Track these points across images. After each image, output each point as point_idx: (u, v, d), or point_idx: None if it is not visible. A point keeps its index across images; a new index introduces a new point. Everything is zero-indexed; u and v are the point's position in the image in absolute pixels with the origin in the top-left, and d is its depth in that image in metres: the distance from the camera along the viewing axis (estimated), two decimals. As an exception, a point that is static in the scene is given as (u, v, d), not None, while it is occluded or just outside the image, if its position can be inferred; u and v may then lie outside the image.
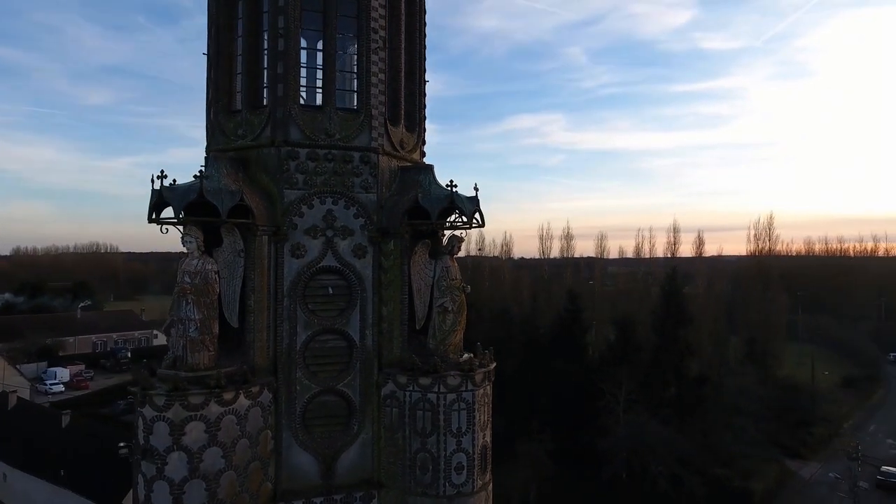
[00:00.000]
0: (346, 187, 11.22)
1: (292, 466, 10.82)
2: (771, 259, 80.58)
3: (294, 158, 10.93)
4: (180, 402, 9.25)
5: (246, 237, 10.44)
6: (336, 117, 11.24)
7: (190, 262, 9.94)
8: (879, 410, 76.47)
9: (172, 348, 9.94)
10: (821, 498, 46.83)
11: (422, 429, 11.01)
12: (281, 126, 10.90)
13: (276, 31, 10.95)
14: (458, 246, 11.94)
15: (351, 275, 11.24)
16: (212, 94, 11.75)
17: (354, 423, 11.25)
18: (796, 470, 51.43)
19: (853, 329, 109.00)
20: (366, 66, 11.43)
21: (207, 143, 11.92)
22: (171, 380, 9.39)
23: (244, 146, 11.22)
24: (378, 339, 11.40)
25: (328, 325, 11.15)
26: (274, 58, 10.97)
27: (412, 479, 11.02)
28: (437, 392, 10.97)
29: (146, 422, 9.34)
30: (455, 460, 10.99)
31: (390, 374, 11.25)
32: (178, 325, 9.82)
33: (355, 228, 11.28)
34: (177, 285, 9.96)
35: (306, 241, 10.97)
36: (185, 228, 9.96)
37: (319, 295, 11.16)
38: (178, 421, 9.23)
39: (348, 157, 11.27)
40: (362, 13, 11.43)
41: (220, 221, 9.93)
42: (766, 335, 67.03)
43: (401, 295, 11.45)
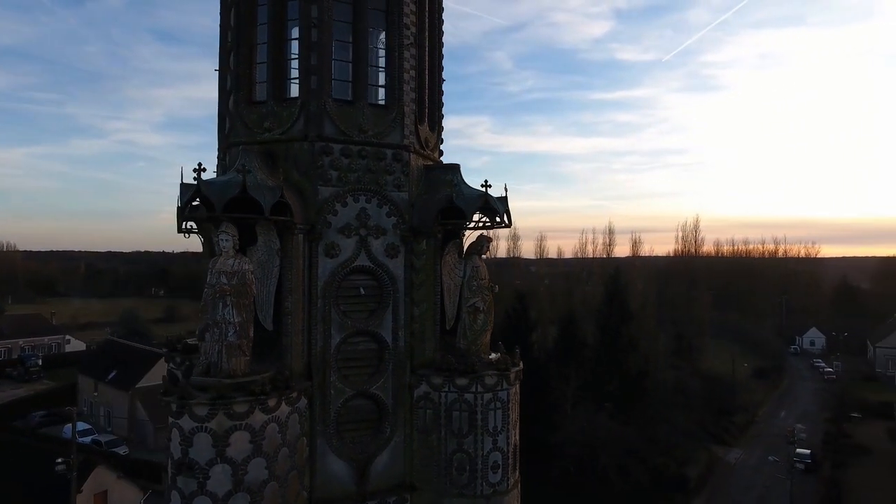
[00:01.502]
0: (379, 185, 10.94)
1: (326, 474, 10.43)
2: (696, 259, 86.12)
3: (328, 154, 10.52)
4: (224, 412, 8.67)
5: (282, 235, 9.94)
6: (368, 113, 10.93)
7: (226, 262, 9.33)
8: (787, 398, 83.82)
9: (206, 354, 9.28)
10: (747, 480, 50.68)
11: (458, 429, 10.93)
12: (314, 120, 10.46)
13: (310, 21, 10.49)
14: (487, 246, 11.96)
15: (384, 275, 10.97)
16: (231, 82, 11.08)
17: (387, 427, 10.99)
18: (723, 455, 55.35)
19: (759, 324, 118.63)
20: (397, 62, 11.20)
21: (225, 133, 11.22)
22: (212, 387, 8.77)
23: (271, 139, 10.67)
24: (410, 341, 11.20)
25: (361, 327, 10.82)
26: (307, 49, 10.50)
27: (448, 481, 10.92)
28: (474, 392, 10.93)
29: (184, 434, 8.68)
30: (491, 459, 11.00)
31: (424, 376, 11.08)
32: (214, 329, 9.19)
33: (388, 227, 11.02)
34: (209, 286, 9.31)
35: (340, 241, 10.60)
36: (221, 226, 9.34)
37: (351, 296, 10.82)
38: (221, 431, 8.65)
39: (381, 154, 11.00)
40: (393, 7, 11.19)
41: (262, 218, 9.40)
42: (691, 331, 71.61)
43: (433, 295, 11.32)
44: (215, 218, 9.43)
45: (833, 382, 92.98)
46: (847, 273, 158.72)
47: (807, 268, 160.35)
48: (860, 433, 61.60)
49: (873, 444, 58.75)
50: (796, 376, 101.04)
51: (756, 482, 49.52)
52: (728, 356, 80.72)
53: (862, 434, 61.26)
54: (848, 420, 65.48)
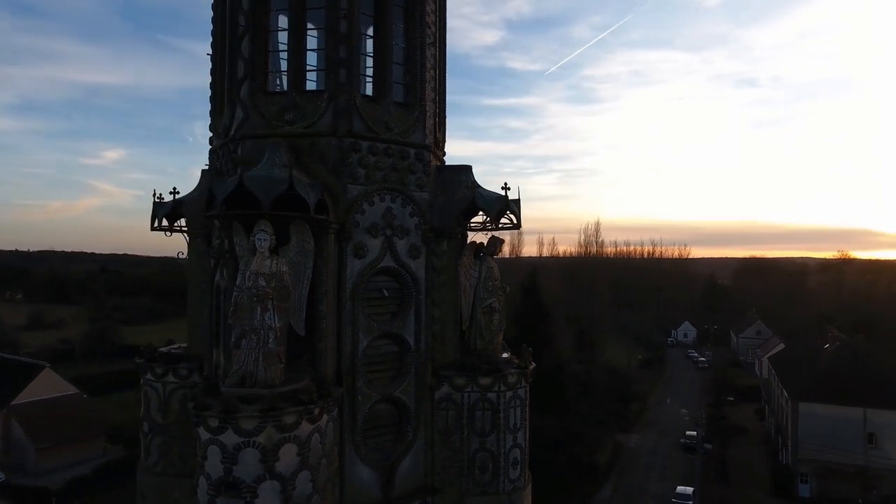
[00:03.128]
0: (403, 185, 10.75)
1: (354, 482, 10.06)
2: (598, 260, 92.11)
3: (356, 151, 10.16)
4: (274, 424, 8.11)
5: (316, 235, 9.46)
6: (393, 110, 10.70)
7: (263, 263, 8.72)
8: (670, 386, 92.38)
9: (241, 363, 8.59)
10: (648, 461, 55.25)
11: (481, 428, 11.02)
12: (344, 115, 10.05)
13: (338, 12, 10.06)
14: (500, 247, 12.15)
15: (407, 276, 10.78)
16: (244, 70, 10.31)
17: (409, 430, 10.81)
18: (625, 441, 59.85)
19: (642, 319, 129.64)
20: (419, 61, 11.06)
21: (238, 125, 10.39)
22: (261, 398, 8.16)
23: (294, 133, 10.09)
24: (430, 342, 11.10)
25: (385, 330, 10.57)
26: (335, 40, 10.05)
27: (470, 480, 10.97)
28: (497, 391, 11.08)
29: (227, 451, 8.00)
30: (512, 456, 11.22)
31: (446, 377, 11.04)
32: (252, 336, 8.54)
33: (410, 228, 10.85)
34: (243, 289, 8.63)
35: (368, 241, 10.27)
36: (259, 224, 8.71)
37: (374, 297, 10.53)
38: (270, 446, 8.08)
39: (405, 153, 10.80)
40: (416, 4, 11.03)
41: (305, 217, 8.89)
42: (593, 326, 76.73)
43: (454, 296, 11.30)
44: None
45: (706, 370, 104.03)
46: (713, 272, 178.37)
47: (679, 267, 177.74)
48: (734, 414, 69.48)
49: (746, 423, 66.62)
50: (675, 366, 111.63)
51: (655, 463, 54.17)
52: (620, 349, 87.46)
53: (736, 415, 69.13)
54: (724, 403, 73.51)
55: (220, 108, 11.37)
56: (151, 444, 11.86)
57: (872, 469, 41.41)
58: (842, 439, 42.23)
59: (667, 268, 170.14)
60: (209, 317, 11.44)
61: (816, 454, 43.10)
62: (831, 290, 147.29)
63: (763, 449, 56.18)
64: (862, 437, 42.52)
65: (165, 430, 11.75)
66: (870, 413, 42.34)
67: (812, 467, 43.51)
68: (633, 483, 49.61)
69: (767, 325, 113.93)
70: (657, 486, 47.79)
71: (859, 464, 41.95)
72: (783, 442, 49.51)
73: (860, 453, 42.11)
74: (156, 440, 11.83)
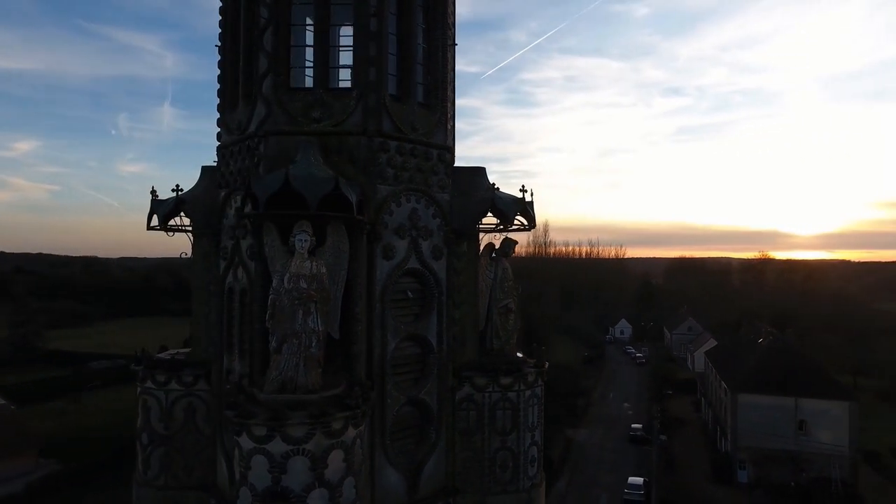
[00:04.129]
0: (427, 185, 10.72)
1: (383, 486, 9.95)
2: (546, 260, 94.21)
3: (385, 151, 10.04)
4: (323, 430, 7.90)
5: (351, 236, 9.26)
6: (417, 111, 10.65)
7: (303, 265, 8.45)
8: (612, 381, 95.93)
9: (281, 368, 8.29)
10: (597, 454, 57.21)
11: (501, 428, 11.14)
12: (373, 114, 9.89)
13: (368, 9, 9.90)
14: (513, 248, 12.31)
15: (430, 277, 10.75)
16: (267, 64, 9.94)
17: (432, 432, 10.79)
18: (574, 436, 61.69)
19: (582, 316, 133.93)
20: (441, 61, 11.05)
21: (260, 121, 9.99)
22: (307, 405, 7.92)
23: (320, 131, 9.84)
24: (451, 344, 11.11)
25: (411, 331, 10.50)
26: (365, 38, 9.88)
27: (491, 479, 11.08)
28: (517, 390, 11.24)
29: (275, 460, 7.72)
30: (530, 454, 11.42)
31: (467, 377, 11.09)
32: (293, 340, 8.27)
33: (433, 229, 10.83)
34: (282, 292, 8.34)
35: (395, 242, 10.18)
36: (300, 224, 8.45)
37: (399, 299, 10.45)
38: (319, 453, 7.87)
39: (429, 154, 10.78)
40: (438, 5, 11.01)
41: (348, 218, 8.70)
42: (542, 325, 78.58)
43: (473, 297, 11.37)
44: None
45: (643, 365, 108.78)
46: (647, 271, 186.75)
47: (616, 267, 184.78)
48: (674, 407, 73.09)
49: (685, 414, 70.25)
50: (614, 361, 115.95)
51: (605, 456, 56.19)
52: (566, 347, 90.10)
53: (675, 407, 72.77)
54: (664, 397, 77.18)
55: (232, 103, 10.93)
56: (152, 456, 11.23)
57: (803, 454, 44.89)
58: (776, 427, 45.48)
59: (605, 267, 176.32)
60: (218, 321, 10.98)
61: (753, 442, 46.19)
62: (753, 287, 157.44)
63: (702, 439, 59.53)
64: (793, 424, 46.00)
65: (168, 441, 11.16)
66: (800, 402, 45.88)
67: (749, 454, 46.59)
68: (586, 476, 51.27)
69: (698, 321, 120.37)
70: (608, 478, 49.61)
71: (791, 449, 45.35)
72: (722, 431, 52.66)
73: (792, 439, 45.53)
74: (157, 452, 11.21)
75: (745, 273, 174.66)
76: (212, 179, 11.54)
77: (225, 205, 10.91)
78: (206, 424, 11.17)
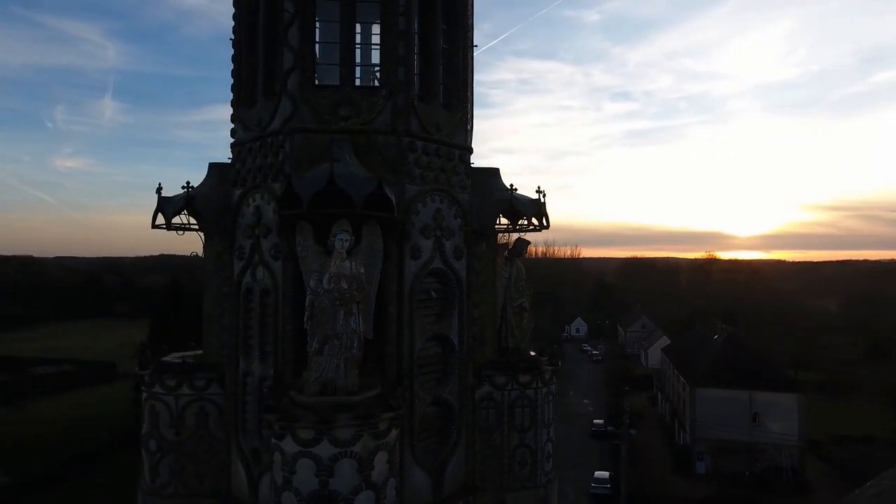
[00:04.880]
0: (450, 186, 10.76)
1: (410, 486, 9.92)
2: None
3: (413, 151, 10.03)
4: (370, 432, 7.85)
5: (385, 236, 9.21)
6: (441, 111, 10.67)
7: (342, 265, 8.37)
8: (570, 379, 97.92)
9: (321, 370, 8.17)
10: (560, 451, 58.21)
11: (520, 425, 11.31)
12: (402, 113, 9.86)
13: (397, 8, 9.85)
14: (526, 248, 12.49)
15: (452, 277, 10.80)
16: (293, 60, 9.74)
17: (454, 431, 10.83)
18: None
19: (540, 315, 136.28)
20: (462, 62, 11.11)
21: (285, 118, 9.77)
22: (353, 406, 7.84)
23: (349, 129, 9.73)
24: (471, 343, 11.19)
25: (435, 331, 10.52)
26: (394, 37, 9.84)
27: (510, 476, 11.23)
28: (534, 388, 11.44)
29: (322, 463, 7.63)
30: (546, 450, 11.64)
31: (487, 376, 11.20)
32: (334, 341, 8.17)
33: (455, 229, 10.87)
34: (318, 294, 8.23)
35: (422, 242, 10.17)
36: (340, 224, 8.35)
37: (423, 299, 10.45)
38: (366, 455, 7.83)
39: (451, 154, 10.82)
40: (459, 7, 11.06)
41: (388, 217, 8.66)
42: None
43: (492, 297, 11.48)
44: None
45: (599, 363, 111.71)
46: (601, 270, 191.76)
47: (571, 266, 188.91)
48: (631, 402, 75.32)
49: (642, 409, 72.52)
50: (571, 359, 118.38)
51: (568, 452, 57.24)
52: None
53: (633, 403, 74.97)
54: (622, 392, 79.43)
55: (248, 99, 10.66)
56: (160, 464, 10.80)
57: (756, 444, 47.30)
58: (731, 419, 47.73)
59: (561, 267, 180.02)
60: (233, 322, 10.67)
61: (711, 434, 48.30)
62: (700, 286, 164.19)
63: (660, 433, 61.69)
64: (748, 416, 48.41)
65: (179, 448, 10.76)
66: (754, 395, 48.35)
67: (707, 446, 48.72)
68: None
69: (650, 319, 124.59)
70: (573, 473, 50.60)
71: (745, 440, 47.70)
72: (680, 425, 54.76)
73: (746, 431, 47.88)
74: (166, 459, 10.80)
75: (693, 272, 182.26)
76: (221, 177, 11.21)
77: (241, 203, 10.61)
78: (218, 429, 10.83)
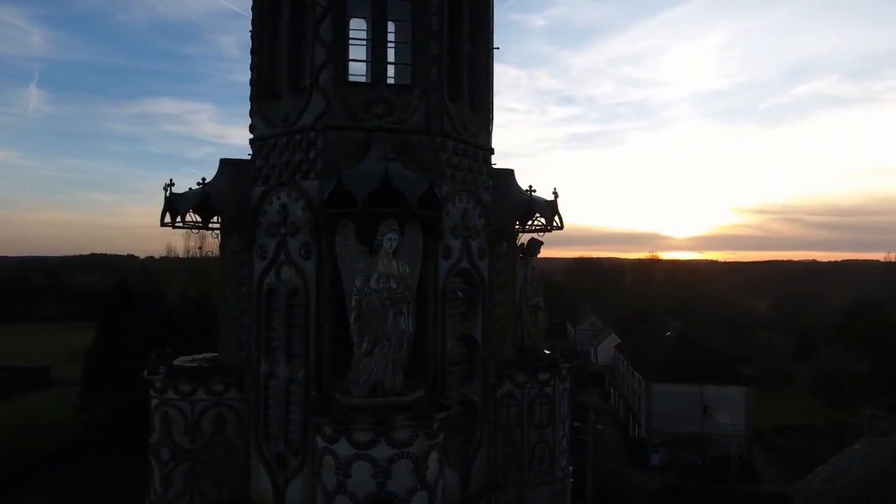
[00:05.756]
0: (476, 186, 10.84)
1: (444, 486, 9.89)
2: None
3: (444, 151, 10.05)
4: (425, 432, 7.83)
5: (425, 236, 9.19)
6: (467, 112, 10.73)
7: (390, 264, 8.31)
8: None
9: (370, 371, 8.08)
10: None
11: (539, 421, 11.53)
12: (436, 113, 9.86)
13: (430, 8, 9.84)
14: (539, 248, 12.70)
15: (476, 277, 10.88)
16: (325, 56, 9.56)
17: (478, 430, 10.92)
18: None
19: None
20: (484, 64, 11.21)
21: (318, 114, 9.56)
22: (408, 407, 7.80)
23: (383, 127, 9.64)
24: (492, 342, 11.29)
25: (461, 331, 10.56)
26: (428, 37, 9.82)
27: (530, 473, 11.42)
28: (553, 385, 11.67)
29: (380, 465, 7.55)
30: (562, 445, 11.90)
31: (508, 375, 11.35)
32: (384, 342, 8.09)
33: (479, 229, 10.96)
34: (365, 294, 8.14)
35: (452, 242, 10.22)
36: (389, 223, 8.28)
37: (450, 299, 10.48)
38: (421, 455, 7.82)
39: (476, 154, 10.90)
40: (482, 10, 11.15)
41: (434, 217, 8.64)
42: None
43: (512, 297, 11.62)
44: (372, 214, 8.31)
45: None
46: (550, 270, 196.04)
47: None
48: (585, 398, 77.44)
49: (595, 405, 74.65)
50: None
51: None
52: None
53: (586, 399, 77.14)
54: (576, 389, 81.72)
55: (271, 94, 10.38)
56: (174, 473, 10.36)
57: (707, 436, 49.68)
58: (684, 412, 49.94)
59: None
60: (253, 324, 10.36)
61: (665, 427, 50.35)
62: (643, 285, 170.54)
63: (615, 427, 63.65)
64: (699, 409, 50.79)
65: (194, 456, 10.36)
66: (705, 389, 50.78)
67: (661, 439, 50.74)
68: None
69: (599, 317, 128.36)
70: (535, 469, 51.59)
71: (697, 432, 50.01)
72: (635, 419, 56.78)
73: (698, 423, 50.23)
74: (180, 468, 10.37)
75: (637, 272, 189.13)
76: (234, 173, 10.86)
77: (263, 201, 10.31)
78: (237, 435, 10.48)
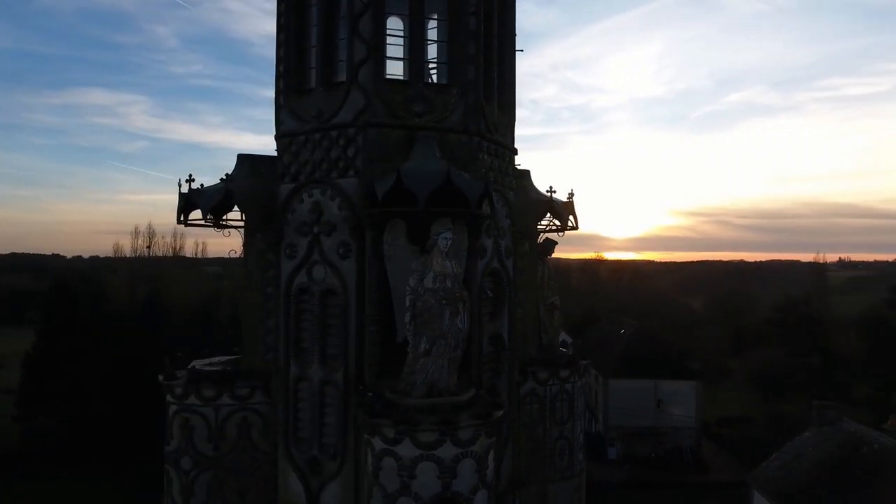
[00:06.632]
0: (503, 185, 10.95)
1: (479, 485, 9.97)
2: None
3: (480, 150, 10.09)
4: (486, 431, 7.86)
5: (470, 235, 9.21)
6: (497, 111, 10.83)
7: (444, 264, 8.29)
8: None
9: (427, 371, 8.03)
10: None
11: (560, 418, 11.75)
12: (473, 113, 9.89)
13: (467, 8, 9.86)
14: (554, 248, 12.94)
15: (503, 276, 10.99)
16: (364, 51, 9.41)
17: (504, 428, 11.00)
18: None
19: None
20: (509, 64, 11.33)
21: (358, 111, 9.39)
22: (469, 406, 7.80)
23: (422, 126, 9.59)
24: (516, 341, 11.43)
25: (491, 330, 10.65)
26: (465, 36, 9.83)
27: (551, 468, 11.63)
28: (572, 382, 11.93)
29: (445, 465, 7.52)
30: (580, 440, 12.18)
31: (531, 372, 11.51)
32: (441, 342, 8.06)
33: (506, 229, 11.07)
34: (419, 293, 8.10)
35: (485, 241, 10.26)
36: (443, 223, 8.26)
37: (483, 298, 10.53)
38: (483, 453, 7.84)
39: (504, 154, 11.01)
40: (506, 10, 11.27)
41: (484, 216, 8.69)
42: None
43: (534, 296, 11.79)
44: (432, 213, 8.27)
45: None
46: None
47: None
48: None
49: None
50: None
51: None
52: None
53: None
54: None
55: (300, 88, 10.13)
56: (196, 483, 9.92)
57: (660, 429, 51.88)
58: (639, 407, 51.95)
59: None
60: (281, 325, 10.06)
61: (621, 421, 52.23)
62: (588, 285, 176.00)
63: (570, 423, 65.70)
64: (653, 403, 52.94)
65: (219, 463, 9.96)
66: (658, 384, 52.99)
67: (618, 433, 52.59)
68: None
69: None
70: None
71: (651, 425, 52.15)
72: (592, 414, 58.47)
73: (651, 417, 52.36)
74: (203, 477, 9.94)
75: (582, 272, 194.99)
76: (254, 169, 10.53)
77: (292, 199, 10.03)
78: (263, 440, 10.14)
